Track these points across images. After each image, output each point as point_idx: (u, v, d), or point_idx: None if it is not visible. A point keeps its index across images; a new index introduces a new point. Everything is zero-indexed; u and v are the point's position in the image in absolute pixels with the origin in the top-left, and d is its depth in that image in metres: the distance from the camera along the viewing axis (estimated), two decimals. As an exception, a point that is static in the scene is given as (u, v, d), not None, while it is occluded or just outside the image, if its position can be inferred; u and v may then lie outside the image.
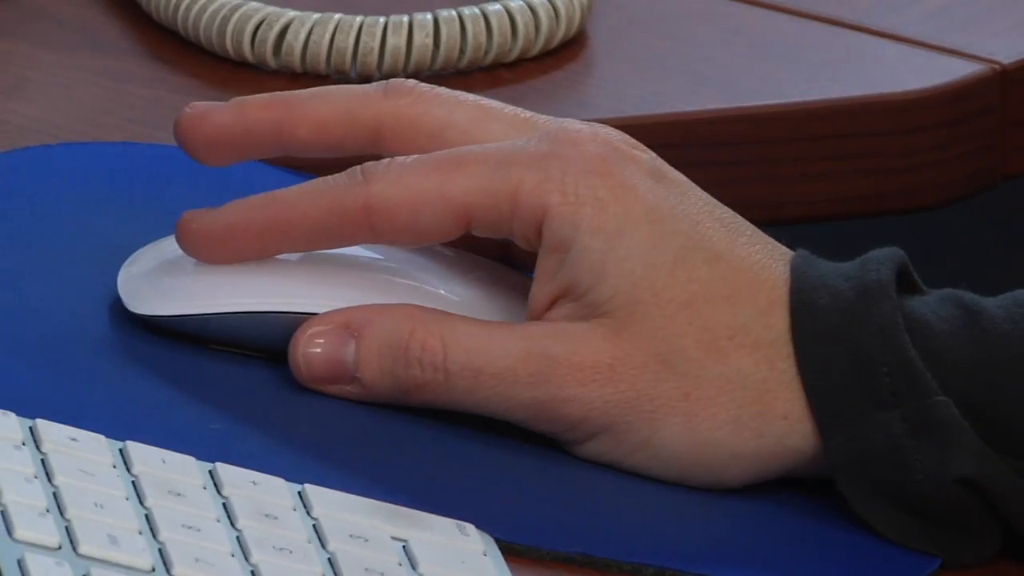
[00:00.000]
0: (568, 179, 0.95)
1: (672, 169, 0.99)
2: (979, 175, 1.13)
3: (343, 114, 1.00)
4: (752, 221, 0.98)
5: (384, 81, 1.03)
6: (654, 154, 0.99)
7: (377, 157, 0.99)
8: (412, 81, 1.02)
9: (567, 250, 0.95)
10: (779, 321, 0.95)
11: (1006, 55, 1.09)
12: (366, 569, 0.83)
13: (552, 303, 0.96)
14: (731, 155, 1.14)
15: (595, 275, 0.94)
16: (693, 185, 0.99)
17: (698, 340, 0.95)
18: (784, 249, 0.98)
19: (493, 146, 0.97)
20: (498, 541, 0.87)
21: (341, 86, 1.05)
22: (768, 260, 0.97)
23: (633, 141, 0.99)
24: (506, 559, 0.87)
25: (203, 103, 1.00)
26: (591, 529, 0.92)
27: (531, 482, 0.94)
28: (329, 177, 0.99)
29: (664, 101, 1.12)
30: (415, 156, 0.98)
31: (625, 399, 0.94)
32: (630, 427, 0.94)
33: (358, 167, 0.98)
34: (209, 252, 0.99)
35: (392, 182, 0.97)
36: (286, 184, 1.03)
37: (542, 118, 1.00)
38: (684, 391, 0.94)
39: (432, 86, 1.01)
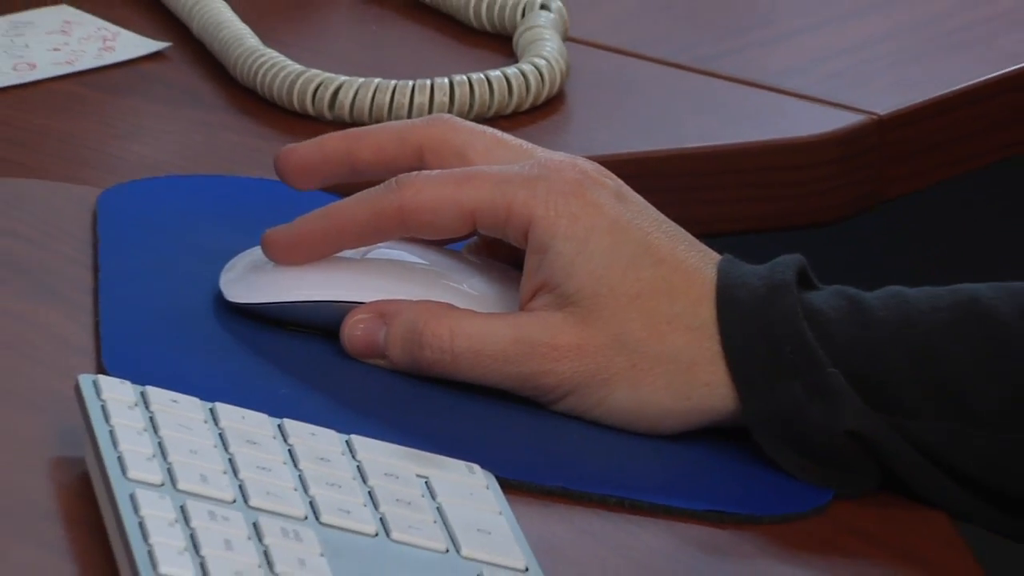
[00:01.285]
0: (550, 197, 0.96)
1: (632, 192, 1.00)
2: (863, 199, 1.13)
3: (396, 138, 1.00)
4: (693, 233, 0.99)
5: (429, 115, 1.06)
6: (619, 180, 1.00)
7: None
8: (448, 115, 1.03)
9: (545, 252, 0.96)
10: (707, 311, 0.96)
11: (883, 107, 1.09)
12: (397, 500, 0.81)
13: (534, 294, 0.97)
14: (676, 184, 1.14)
15: (566, 273, 0.95)
16: (648, 205, 0.99)
17: (643, 325, 0.96)
18: (714, 255, 0.98)
19: (498, 168, 0.98)
20: (498, 478, 0.86)
21: (395, 121, 1.06)
22: (700, 263, 0.97)
23: (603, 170, 1.00)
24: (504, 491, 0.85)
25: (293, 143, 1.00)
26: (568, 468, 0.91)
27: (520, 433, 0.94)
28: (371, 188, 0.99)
29: (624, 143, 1.11)
30: (439, 171, 0.99)
31: (588, 371, 0.96)
32: (591, 391, 0.96)
33: (394, 178, 0.98)
34: (286, 256, 0.98)
35: (419, 190, 0.97)
36: None
37: (538, 149, 1.01)
38: (631, 363, 0.95)
39: (461, 119, 1.02)
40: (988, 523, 0.97)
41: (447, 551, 0.78)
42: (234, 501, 0.77)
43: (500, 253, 1.04)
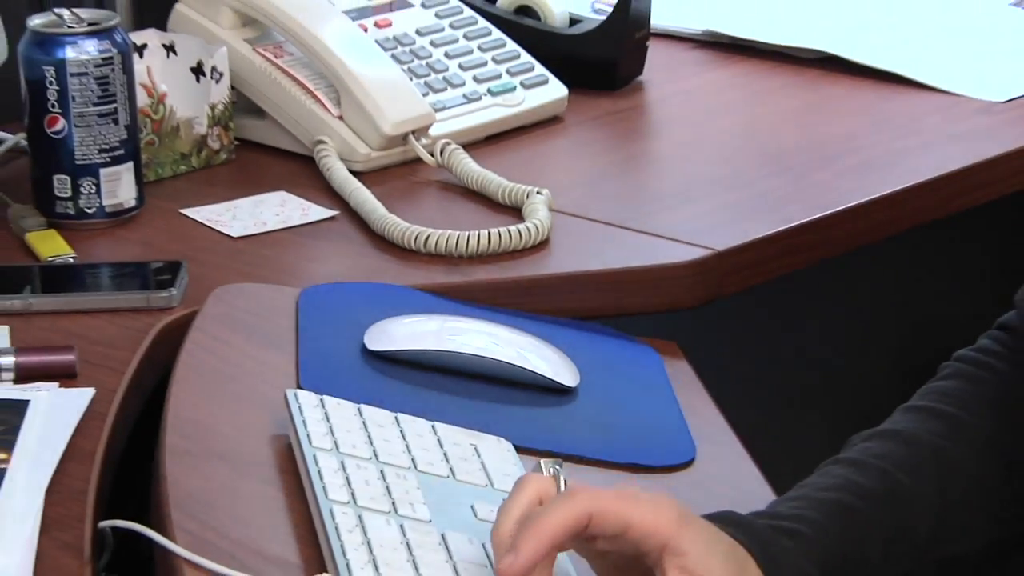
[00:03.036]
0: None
1: None
2: (707, 296, 1.01)
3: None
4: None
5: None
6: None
7: None
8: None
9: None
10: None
11: (722, 244, 1.01)
12: (458, 457, 0.79)
13: None
14: (605, 286, 1.02)
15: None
16: None
17: None
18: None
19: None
20: (515, 446, 0.83)
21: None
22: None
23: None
24: (518, 453, 0.82)
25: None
26: (549, 438, 0.85)
27: (523, 421, 0.87)
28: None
29: (580, 266, 1.00)
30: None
31: None
32: None
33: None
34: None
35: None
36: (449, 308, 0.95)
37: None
38: None
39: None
40: None
41: (486, 485, 0.78)
42: (370, 458, 0.77)
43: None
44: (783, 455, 0.91)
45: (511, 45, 1.24)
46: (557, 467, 0.71)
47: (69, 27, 1.04)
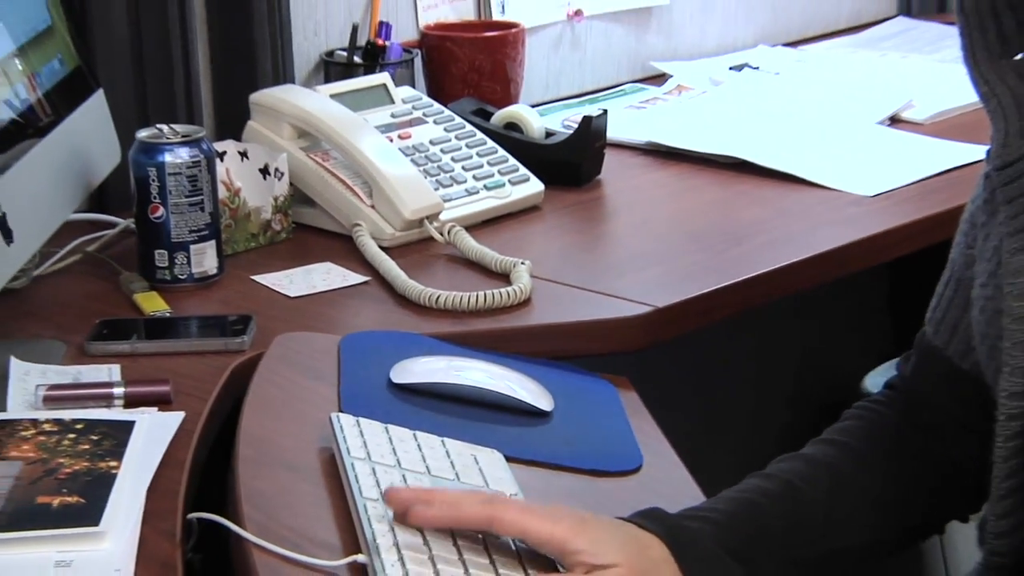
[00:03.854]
0: None
1: None
2: (649, 341, 1.00)
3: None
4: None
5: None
6: None
7: None
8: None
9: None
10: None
11: (661, 302, 1.01)
12: (461, 464, 0.78)
13: None
14: (561, 336, 1.01)
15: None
16: None
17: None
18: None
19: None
20: (504, 456, 0.82)
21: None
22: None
23: None
24: (508, 463, 0.81)
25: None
26: (527, 449, 0.84)
27: (516, 439, 0.85)
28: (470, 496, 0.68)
29: (552, 319, 1.01)
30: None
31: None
32: None
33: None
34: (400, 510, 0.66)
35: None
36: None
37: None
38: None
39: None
40: None
41: (482, 486, 0.76)
42: (395, 465, 0.76)
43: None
44: (709, 465, 0.91)
45: (501, 152, 1.24)
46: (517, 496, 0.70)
47: (167, 138, 1.05)
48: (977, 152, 0.81)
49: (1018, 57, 0.65)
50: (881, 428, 0.78)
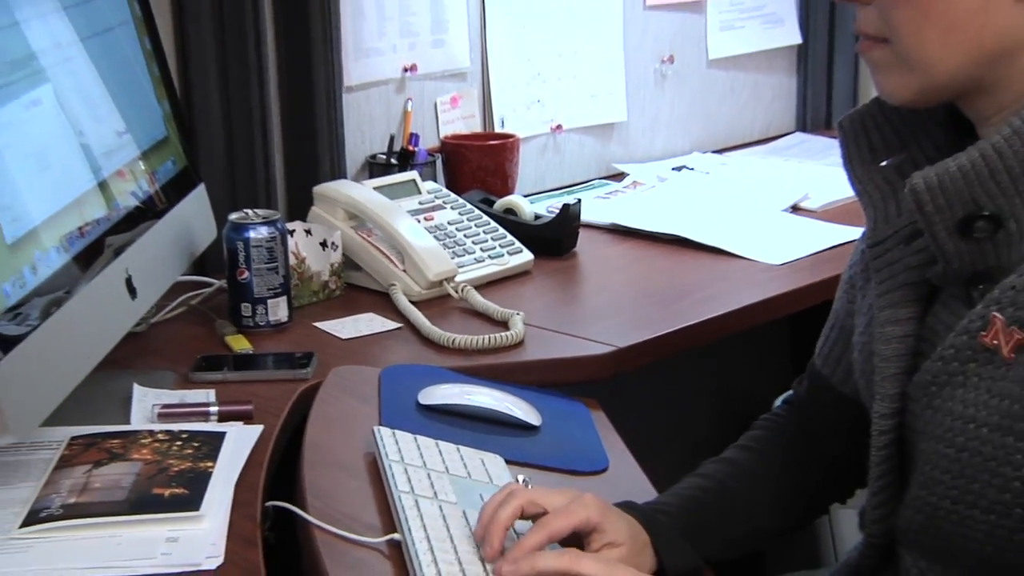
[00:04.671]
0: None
1: None
2: (612, 371, 1.00)
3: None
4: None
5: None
6: None
7: None
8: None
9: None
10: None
11: (623, 343, 1.01)
12: (471, 465, 0.79)
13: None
14: (546, 368, 1.00)
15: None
16: None
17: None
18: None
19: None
20: (505, 459, 0.82)
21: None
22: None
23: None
24: (507, 464, 0.82)
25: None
26: (526, 456, 0.85)
27: (513, 447, 0.85)
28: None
29: (543, 355, 1.01)
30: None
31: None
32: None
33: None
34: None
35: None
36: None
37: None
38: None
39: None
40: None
41: (488, 482, 0.77)
42: (422, 466, 0.77)
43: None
44: (660, 467, 0.91)
45: (501, 230, 1.25)
46: (526, 479, 0.72)
47: (251, 220, 1.07)
48: (855, 232, 0.84)
49: (883, 163, 0.69)
50: (781, 435, 0.81)
